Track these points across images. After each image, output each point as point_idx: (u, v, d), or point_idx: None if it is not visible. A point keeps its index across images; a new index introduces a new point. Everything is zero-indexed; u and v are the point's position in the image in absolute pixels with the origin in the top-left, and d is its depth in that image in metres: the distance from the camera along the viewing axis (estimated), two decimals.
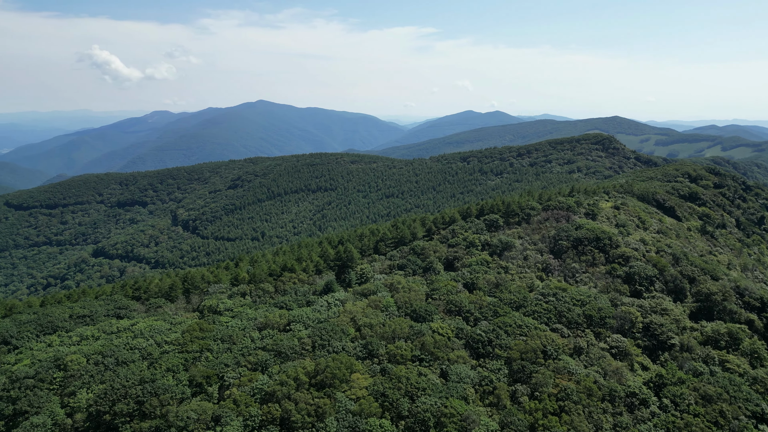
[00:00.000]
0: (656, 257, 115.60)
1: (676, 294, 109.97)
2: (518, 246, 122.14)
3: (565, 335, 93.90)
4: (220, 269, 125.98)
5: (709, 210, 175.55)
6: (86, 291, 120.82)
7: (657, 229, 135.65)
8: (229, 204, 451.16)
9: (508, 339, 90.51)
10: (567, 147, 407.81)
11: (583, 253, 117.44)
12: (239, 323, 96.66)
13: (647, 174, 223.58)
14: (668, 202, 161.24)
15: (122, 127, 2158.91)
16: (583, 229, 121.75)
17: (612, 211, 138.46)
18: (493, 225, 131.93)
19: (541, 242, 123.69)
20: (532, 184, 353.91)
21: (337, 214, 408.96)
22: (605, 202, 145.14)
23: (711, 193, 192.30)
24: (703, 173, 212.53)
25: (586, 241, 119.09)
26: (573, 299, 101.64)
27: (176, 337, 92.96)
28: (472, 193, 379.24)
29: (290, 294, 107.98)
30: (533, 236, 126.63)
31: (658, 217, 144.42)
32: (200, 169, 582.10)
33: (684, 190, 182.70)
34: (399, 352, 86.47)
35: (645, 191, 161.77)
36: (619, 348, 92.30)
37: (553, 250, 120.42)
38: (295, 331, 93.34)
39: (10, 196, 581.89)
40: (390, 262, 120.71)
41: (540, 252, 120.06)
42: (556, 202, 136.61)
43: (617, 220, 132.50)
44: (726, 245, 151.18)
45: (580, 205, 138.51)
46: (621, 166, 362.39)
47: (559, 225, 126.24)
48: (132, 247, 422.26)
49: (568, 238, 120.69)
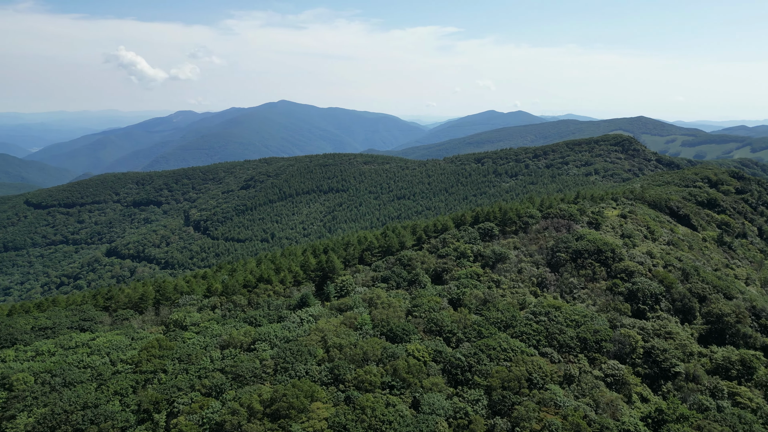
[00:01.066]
0: (663, 272, 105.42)
1: (683, 314, 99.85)
2: (513, 258, 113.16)
3: (555, 360, 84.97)
4: (197, 278, 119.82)
5: (729, 218, 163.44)
6: (57, 300, 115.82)
7: (667, 240, 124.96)
8: (240, 205, 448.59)
9: (490, 364, 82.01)
10: (585, 148, 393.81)
11: (583, 267, 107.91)
12: (202, 340, 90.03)
13: (664, 178, 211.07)
14: (683, 209, 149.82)
15: (147, 127, 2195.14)
16: (584, 240, 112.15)
17: (618, 220, 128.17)
18: (488, 234, 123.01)
19: (538, 254, 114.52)
20: (548, 186, 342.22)
21: (347, 215, 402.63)
22: (612, 210, 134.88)
23: (732, 199, 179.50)
24: (725, 177, 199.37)
25: (586, 254, 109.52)
26: (567, 319, 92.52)
27: (133, 354, 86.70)
28: (486, 195, 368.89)
29: (263, 308, 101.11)
30: (530, 247, 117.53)
31: (670, 227, 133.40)
32: (215, 169, 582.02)
33: (702, 196, 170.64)
34: (368, 377, 78.68)
35: (657, 198, 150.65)
36: (615, 376, 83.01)
37: (551, 262, 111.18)
38: (259, 350, 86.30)
39: (29, 195, 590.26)
40: (374, 274, 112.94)
41: (536, 264, 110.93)
42: (557, 210, 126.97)
43: (623, 230, 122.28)
44: (745, 257, 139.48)
45: (584, 213, 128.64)
46: (641, 168, 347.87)
47: (558, 235, 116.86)
48: (143, 247, 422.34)
49: (566, 249, 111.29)
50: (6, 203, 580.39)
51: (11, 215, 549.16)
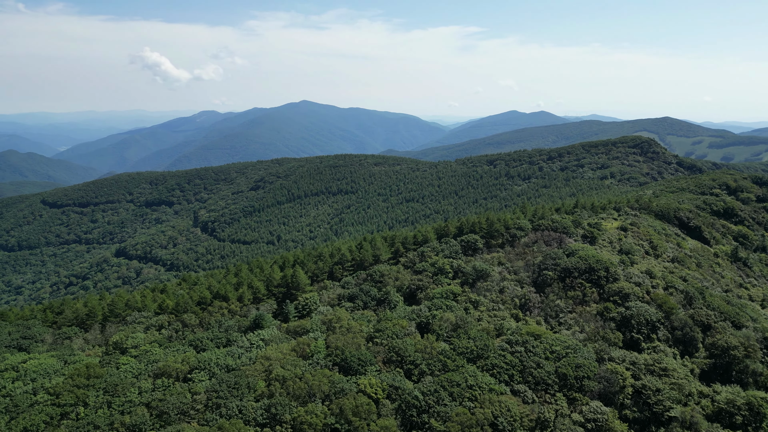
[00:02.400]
0: (663, 296, 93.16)
1: (684, 345, 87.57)
2: (495, 275, 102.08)
3: (529, 401, 73.98)
4: (155, 292, 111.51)
5: (748, 229, 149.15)
6: (6, 314, 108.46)
7: (672, 256, 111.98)
8: (248, 206, 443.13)
9: (451, 404, 71.48)
10: (602, 150, 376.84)
11: (572, 287, 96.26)
12: (136, 367, 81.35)
13: (679, 183, 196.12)
14: (694, 220, 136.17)
15: (171, 127, 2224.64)
16: (575, 257, 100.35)
17: (617, 234, 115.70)
18: (471, 247, 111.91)
19: (524, 270, 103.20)
20: (560, 190, 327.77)
21: (354, 218, 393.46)
22: (612, 222, 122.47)
23: (751, 208, 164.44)
24: (746, 184, 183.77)
25: (577, 272, 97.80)
26: (547, 350, 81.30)
27: (59, 382, 78.38)
28: (496, 198, 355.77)
29: (213, 329, 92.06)
30: (516, 263, 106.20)
31: (677, 241, 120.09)
32: (227, 169, 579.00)
33: (718, 204, 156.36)
34: (308, 418, 68.86)
35: (666, 207, 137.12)
36: (597, 421, 71.64)
37: (537, 281, 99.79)
38: (195, 381, 77.13)
39: (46, 194, 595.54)
40: (342, 291, 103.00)
41: (520, 283, 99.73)
42: (549, 222, 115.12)
43: (621, 245, 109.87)
44: (762, 275, 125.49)
45: (579, 225, 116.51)
46: (660, 172, 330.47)
47: (548, 250, 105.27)
48: (151, 248, 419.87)
49: (555, 267, 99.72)
50: (24, 202, 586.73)
51: (27, 214, 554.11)
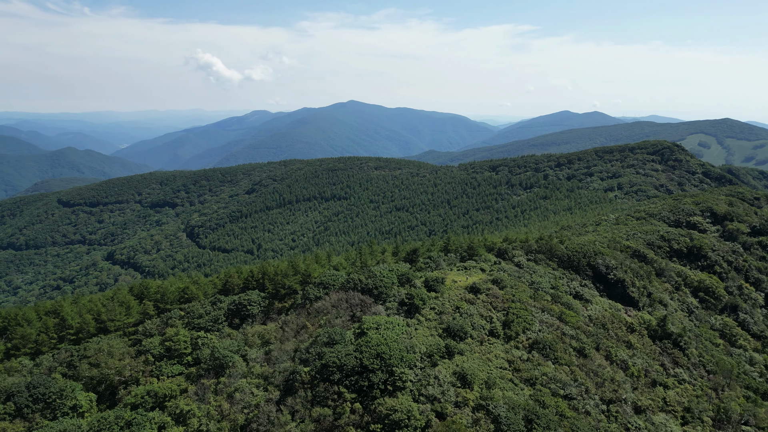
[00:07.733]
0: (461, 427, 55.41)
1: None
2: (240, 367, 67.46)
3: None
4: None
5: (716, 279, 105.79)
6: None
7: (535, 339, 72.26)
8: (236, 211, 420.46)
9: None
10: (617, 157, 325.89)
11: (324, 400, 60.10)
12: None
13: (653, 207, 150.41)
14: (615, 271, 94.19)
15: (224, 126, 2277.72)
16: (349, 346, 64.03)
17: (461, 296, 77.26)
18: (241, 312, 77.26)
19: (289, 359, 68.09)
20: (559, 203, 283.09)
21: (340, 227, 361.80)
22: (462, 276, 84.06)
23: (729, 247, 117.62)
24: (742, 210, 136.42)
25: (341, 374, 61.33)
26: None
27: None
28: (490, 210, 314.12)
29: None
30: (287, 343, 71.12)
31: (559, 310, 79.39)
32: (234, 171, 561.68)
33: (681, 241, 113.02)
34: None
35: (577, 249, 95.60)
36: None
37: (287, 383, 64.25)
38: None
39: (61, 193, 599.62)
40: None
41: (266, 385, 64.67)
42: (364, 276, 78.50)
43: (454, 320, 71.71)
44: (701, 362, 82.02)
45: (408, 282, 79.14)
46: (681, 182, 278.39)
47: (329, 329, 69.29)
48: (135, 253, 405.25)
49: (314, 360, 63.92)
50: (42, 200, 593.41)
51: (42, 212, 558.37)
